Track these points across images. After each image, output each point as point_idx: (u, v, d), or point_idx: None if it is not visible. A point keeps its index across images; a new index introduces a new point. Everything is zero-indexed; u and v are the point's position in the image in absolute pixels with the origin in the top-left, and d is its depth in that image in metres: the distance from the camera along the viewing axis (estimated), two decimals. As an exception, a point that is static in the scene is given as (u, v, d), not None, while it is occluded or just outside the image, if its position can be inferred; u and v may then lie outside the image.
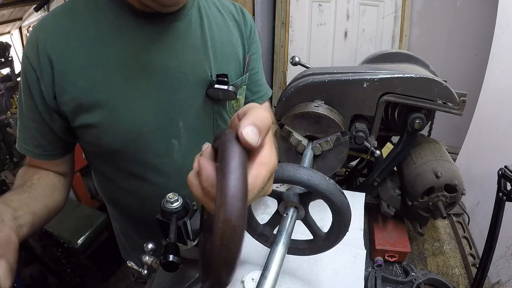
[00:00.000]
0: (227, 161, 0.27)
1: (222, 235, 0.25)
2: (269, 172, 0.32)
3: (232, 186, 0.26)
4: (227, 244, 0.26)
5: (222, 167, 0.27)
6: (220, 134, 0.31)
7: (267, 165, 0.32)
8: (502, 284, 0.80)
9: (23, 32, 2.93)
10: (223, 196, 0.25)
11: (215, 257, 0.26)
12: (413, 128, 0.70)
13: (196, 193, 0.32)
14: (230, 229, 0.25)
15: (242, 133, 0.29)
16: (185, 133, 0.69)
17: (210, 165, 0.30)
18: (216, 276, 0.27)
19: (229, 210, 0.25)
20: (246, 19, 0.78)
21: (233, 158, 0.27)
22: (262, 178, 0.31)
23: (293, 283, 0.58)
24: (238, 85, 0.73)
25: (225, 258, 0.26)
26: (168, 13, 0.63)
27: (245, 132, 0.29)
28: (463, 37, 2.13)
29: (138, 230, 0.83)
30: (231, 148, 0.28)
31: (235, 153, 0.28)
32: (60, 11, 0.63)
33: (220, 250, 0.26)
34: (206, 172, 0.30)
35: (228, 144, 0.28)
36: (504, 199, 0.63)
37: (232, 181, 0.26)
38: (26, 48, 0.61)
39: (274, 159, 0.33)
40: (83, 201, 2.09)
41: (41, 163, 0.69)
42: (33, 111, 0.64)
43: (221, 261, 0.26)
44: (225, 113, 0.74)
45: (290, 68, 2.59)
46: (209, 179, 0.30)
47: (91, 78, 0.60)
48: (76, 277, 1.77)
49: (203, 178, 0.30)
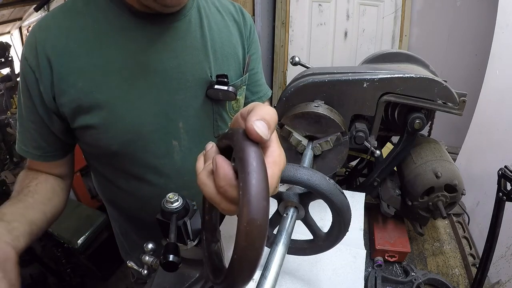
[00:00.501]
0: (248, 160, 0.26)
1: (247, 235, 0.25)
2: (281, 172, 0.32)
3: (256, 185, 0.25)
4: (253, 244, 0.25)
5: (244, 166, 0.26)
6: (231, 133, 0.31)
7: (279, 164, 0.31)
8: (502, 284, 0.80)
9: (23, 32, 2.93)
10: (248, 195, 0.25)
11: (240, 257, 0.26)
12: (413, 128, 0.70)
13: (209, 193, 0.31)
14: (256, 228, 0.25)
15: (252, 126, 0.28)
16: (185, 134, 0.69)
17: (227, 164, 0.29)
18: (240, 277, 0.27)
19: (255, 210, 0.25)
20: (245, 19, 0.78)
21: (254, 157, 0.27)
22: (277, 177, 0.31)
23: (293, 283, 0.58)
24: (238, 85, 0.73)
25: (250, 258, 0.26)
26: (168, 13, 0.63)
27: (256, 125, 0.28)
28: (463, 37, 2.13)
29: (138, 231, 0.83)
30: (250, 147, 0.28)
31: (256, 153, 0.27)
32: (59, 11, 0.62)
33: (245, 250, 0.26)
34: (223, 171, 0.29)
35: (246, 143, 0.28)
36: (504, 199, 0.63)
37: (257, 181, 0.25)
38: (24, 49, 0.61)
39: (283, 158, 0.33)
40: (83, 201, 2.09)
41: (40, 164, 0.69)
42: (32, 112, 0.63)
43: (246, 261, 0.26)
44: (225, 113, 0.74)
45: (290, 68, 2.59)
46: (227, 178, 0.29)
47: (90, 79, 0.60)
48: (76, 277, 1.77)
49: (220, 177, 0.29)
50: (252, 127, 0.28)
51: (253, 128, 0.28)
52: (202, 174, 0.32)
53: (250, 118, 0.29)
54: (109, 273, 1.91)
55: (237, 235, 0.26)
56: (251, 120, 0.28)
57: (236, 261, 0.26)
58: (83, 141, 0.68)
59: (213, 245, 0.45)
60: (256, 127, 0.28)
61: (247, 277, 0.27)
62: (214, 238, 0.46)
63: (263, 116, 0.29)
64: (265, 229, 0.26)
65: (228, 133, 0.32)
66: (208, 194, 0.31)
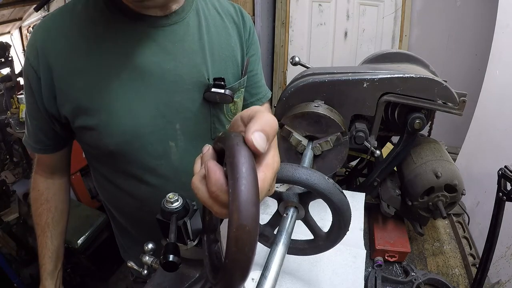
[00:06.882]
0: (238, 166, 0.26)
1: (237, 240, 0.25)
2: (274, 174, 0.32)
3: (245, 191, 0.25)
4: (243, 249, 0.26)
5: (233, 172, 0.26)
6: (225, 137, 0.31)
7: (271, 167, 0.31)
8: (502, 284, 0.80)
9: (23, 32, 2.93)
10: (237, 201, 0.25)
11: (230, 262, 0.26)
12: (413, 128, 0.70)
13: (202, 197, 0.31)
14: (245, 234, 0.25)
15: (251, 139, 0.28)
16: (182, 135, 0.69)
17: (218, 169, 0.30)
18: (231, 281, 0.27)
19: (244, 216, 0.25)
20: (245, 21, 0.78)
21: (244, 163, 0.27)
22: (268, 180, 0.31)
23: (293, 283, 0.58)
24: (235, 88, 0.73)
25: (240, 263, 0.26)
26: (165, 16, 0.64)
27: (254, 138, 0.28)
28: (463, 37, 2.13)
29: (137, 230, 0.84)
30: (241, 152, 0.27)
31: (246, 158, 0.27)
32: (59, 13, 0.63)
33: (236, 256, 0.26)
34: (214, 176, 0.29)
35: (237, 148, 0.28)
36: (504, 199, 0.63)
37: (245, 187, 0.26)
38: (27, 49, 0.63)
39: (277, 160, 0.33)
40: (83, 201, 2.09)
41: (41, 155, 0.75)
42: (34, 109, 0.66)
43: (237, 266, 0.26)
44: (222, 116, 0.74)
45: (290, 68, 2.59)
46: (218, 183, 0.29)
47: (88, 80, 0.61)
48: (76, 277, 1.76)
49: (212, 182, 0.29)
50: (251, 141, 0.28)
51: (251, 141, 0.28)
52: (195, 178, 0.32)
53: (250, 127, 0.29)
54: (109, 273, 1.91)
55: (227, 240, 0.26)
56: (251, 131, 0.29)
57: (227, 266, 0.26)
58: (83, 141, 0.70)
59: (213, 245, 0.45)
60: (255, 141, 0.28)
61: (239, 281, 0.27)
62: (214, 238, 0.46)
63: (263, 126, 0.29)
64: (255, 234, 0.26)
65: (222, 136, 0.32)
66: (201, 198, 0.32)
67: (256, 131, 0.29)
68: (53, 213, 0.80)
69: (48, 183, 0.79)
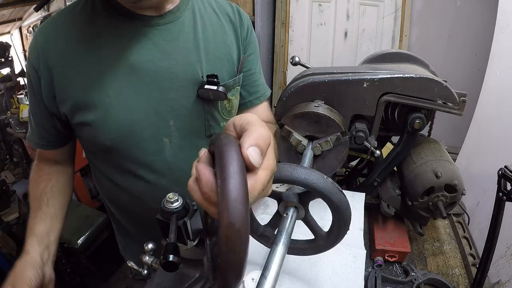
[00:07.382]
0: (226, 165, 0.27)
1: (227, 239, 0.25)
2: (268, 175, 0.33)
3: (233, 190, 0.26)
4: (233, 248, 0.26)
5: (221, 172, 0.27)
6: (215, 138, 0.32)
7: (267, 168, 0.32)
8: (502, 284, 0.80)
9: (23, 32, 2.93)
10: (225, 200, 0.25)
11: (222, 262, 0.26)
12: (413, 128, 0.70)
13: (196, 198, 0.33)
14: (235, 233, 0.25)
15: (246, 154, 0.30)
16: (176, 132, 0.71)
17: (208, 170, 0.31)
18: (225, 281, 0.27)
19: (232, 214, 0.25)
20: (242, 19, 0.78)
21: (231, 162, 0.27)
22: (261, 181, 0.32)
23: (293, 283, 0.58)
24: (230, 85, 0.74)
25: (232, 262, 0.26)
26: (160, 15, 0.65)
27: (249, 153, 0.30)
28: (463, 37, 2.13)
29: (134, 226, 0.85)
30: (228, 152, 0.28)
31: (233, 158, 0.28)
32: (59, 14, 0.67)
33: (227, 255, 0.26)
34: (205, 178, 0.31)
35: (225, 148, 0.29)
36: (504, 199, 0.63)
37: (233, 185, 0.26)
38: (29, 51, 0.67)
39: (272, 162, 0.34)
40: (83, 201, 2.09)
41: (45, 151, 0.77)
42: (35, 107, 0.69)
43: (229, 265, 0.26)
44: (216, 113, 0.75)
45: (290, 68, 2.59)
46: (208, 184, 0.30)
47: (86, 78, 0.63)
48: (76, 277, 1.76)
49: (203, 184, 0.31)
50: (246, 156, 0.30)
51: (247, 157, 0.30)
52: (190, 181, 0.33)
53: (244, 143, 0.31)
54: (109, 273, 1.91)
55: (218, 241, 0.26)
56: (245, 147, 0.30)
57: (221, 266, 0.27)
58: (81, 137, 0.73)
59: (216, 248, 0.45)
60: (250, 156, 0.30)
61: (234, 280, 0.27)
62: (216, 241, 0.46)
63: (257, 141, 0.31)
64: (245, 233, 0.26)
65: (213, 138, 0.33)
66: (197, 200, 0.33)
67: (251, 146, 0.30)
68: (53, 184, 0.76)
69: (51, 169, 0.79)
